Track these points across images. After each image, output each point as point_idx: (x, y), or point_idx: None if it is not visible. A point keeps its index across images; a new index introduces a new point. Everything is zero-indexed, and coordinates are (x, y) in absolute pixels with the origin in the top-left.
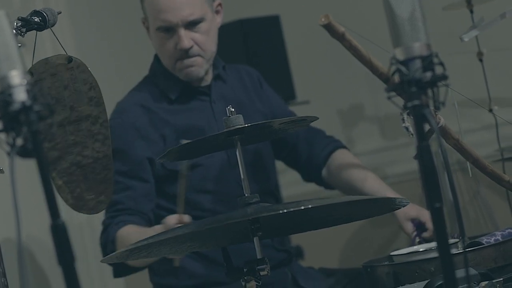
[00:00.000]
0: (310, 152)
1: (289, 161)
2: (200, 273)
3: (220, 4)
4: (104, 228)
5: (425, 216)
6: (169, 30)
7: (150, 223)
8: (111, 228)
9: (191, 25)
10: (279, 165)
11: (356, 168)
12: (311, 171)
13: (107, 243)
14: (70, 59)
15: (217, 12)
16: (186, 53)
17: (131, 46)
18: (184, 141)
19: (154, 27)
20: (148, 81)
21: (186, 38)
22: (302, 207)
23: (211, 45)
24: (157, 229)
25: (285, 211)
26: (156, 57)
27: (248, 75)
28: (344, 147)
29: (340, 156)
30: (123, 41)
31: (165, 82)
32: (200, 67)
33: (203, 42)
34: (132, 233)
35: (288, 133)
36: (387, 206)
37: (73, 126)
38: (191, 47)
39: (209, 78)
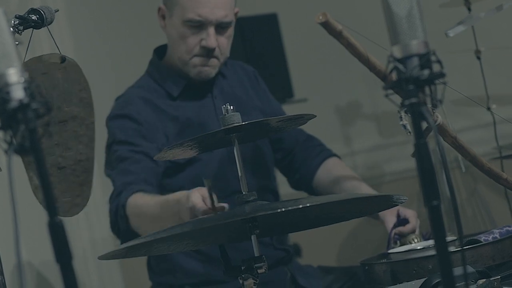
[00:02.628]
0: (304, 158)
1: (282, 165)
2: (198, 272)
3: (237, 12)
4: (117, 193)
5: (408, 213)
6: (199, 26)
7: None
8: (124, 194)
9: (221, 26)
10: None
11: (345, 178)
12: (303, 177)
13: (118, 208)
14: (63, 59)
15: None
16: (208, 52)
17: (129, 44)
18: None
19: (183, 18)
20: (148, 78)
21: (214, 37)
22: (300, 206)
23: (228, 50)
24: (180, 196)
25: (283, 209)
26: (156, 54)
27: (244, 71)
28: (335, 155)
29: (331, 165)
30: (121, 39)
31: (166, 80)
32: (213, 69)
33: (224, 45)
34: (149, 200)
35: (287, 136)
36: (385, 203)
37: (58, 127)
38: (216, 47)
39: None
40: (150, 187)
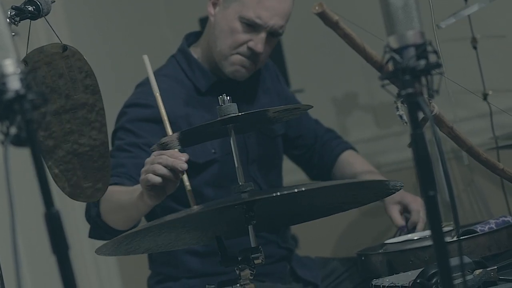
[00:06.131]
0: (322, 153)
1: (302, 160)
2: (197, 269)
3: None
4: None
5: (407, 199)
6: (254, 27)
7: None
8: None
9: (273, 35)
10: None
11: (360, 170)
12: (321, 172)
13: None
14: (65, 48)
15: None
16: (252, 55)
17: (125, 34)
18: None
19: (240, 14)
20: (174, 67)
21: (263, 43)
22: (296, 190)
23: (266, 59)
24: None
25: (278, 193)
26: (187, 42)
27: (266, 68)
28: (351, 148)
29: (347, 158)
30: (117, 29)
31: (195, 72)
32: (248, 73)
33: (266, 54)
34: (118, 191)
35: (307, 133)
36: (381, 189)
37: (69, 115)
38: (261, 53)
39: None
40: (132, 183)
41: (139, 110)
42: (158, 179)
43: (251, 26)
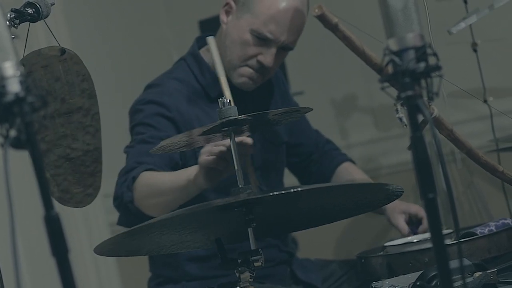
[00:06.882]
0: (320, 163)
1: (299, 168)
2: (198, 274)
3: None
4: (129, 169)
5: (414, 208)
6: (265, 41)
7: None
8: (137, 170)
9: (283, 49)
10: None
11: (358, 179)
12: (319, 179)
13: (128, 180)
14: (63, 51)
15: None
16: (260, 68)
17: (125, 34)
18: None
19: (252, 27)
20: (185, 71)
21: (273, 57)
22: (292, 190)
23: (275, 71)
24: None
25: (275, 193)
26: (198, 45)
27: (274, 75)
28: (349, 160)
29: (344, 170)
30: (117, 32)
31: (206, 77)
32: (255, 85)
33: (275, 67)
34: (158, 175)
35: (307, 141)
36: (381, 193)
37: (63, 118)
38: (271, 67)
39: None
40: (162, 171)
41: (156, 107)
42: (223, 162)
43: (262, 40)
